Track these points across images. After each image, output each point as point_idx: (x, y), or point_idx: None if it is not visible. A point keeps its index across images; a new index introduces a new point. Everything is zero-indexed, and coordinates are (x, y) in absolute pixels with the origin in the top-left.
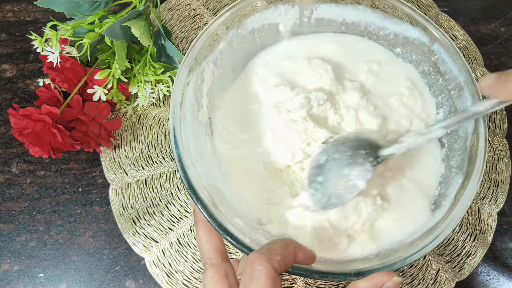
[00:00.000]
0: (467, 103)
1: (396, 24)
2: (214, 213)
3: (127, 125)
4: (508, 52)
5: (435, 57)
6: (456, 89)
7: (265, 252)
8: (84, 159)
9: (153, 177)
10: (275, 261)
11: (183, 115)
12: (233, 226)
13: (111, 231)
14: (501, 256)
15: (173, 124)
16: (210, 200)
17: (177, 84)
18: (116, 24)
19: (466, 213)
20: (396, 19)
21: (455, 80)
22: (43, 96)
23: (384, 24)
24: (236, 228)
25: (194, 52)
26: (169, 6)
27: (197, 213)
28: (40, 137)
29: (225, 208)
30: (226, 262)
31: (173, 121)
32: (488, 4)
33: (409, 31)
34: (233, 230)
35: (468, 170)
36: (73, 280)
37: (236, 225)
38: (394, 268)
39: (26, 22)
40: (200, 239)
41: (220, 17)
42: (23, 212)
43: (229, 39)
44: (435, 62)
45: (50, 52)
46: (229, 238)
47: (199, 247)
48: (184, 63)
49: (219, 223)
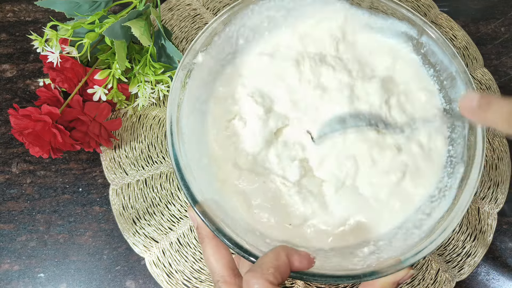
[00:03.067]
0: (460, 92)
1: (383, 19)
2: (222, 227)
3: (127, 125)
4: (508, 52)
5: (425, 49)
6: (448, 79)
7: (257, 269)
8: (84, 159)
9: (153, 177)
10: (269, 275)
11: (180, 132)
12: (243, 239)
13: (111, 231)
14: (501, 256)
15: (172, 142)
16: (215, 214)
17: (171, 101)
18: (116, 24)
19: (466, 213)
20: (383, 14)
21: (446, 70)
22: (43, 96)
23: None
24: (247, 242)
25: (184, 72)
26: (169, 6)
27: (202, 230)
28: (40, 137)
29: (229, 221)
30: (239, 277)
31: (171, 139)
32: (488, 4)
33: (396, 25)
34: (244, 244)
35: (468, 159)
36: (73, 280)
37: (244, 238)
38: (410, 263)
39: (26, 22)
40: (209, 257)
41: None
42: (23, 212)
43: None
44: (425, 54)
45: (50, 52)
46: (242, 252)
47: (208, 265)
48: (177, 78)
49: (229, 238)
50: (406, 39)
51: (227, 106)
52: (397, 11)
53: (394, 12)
